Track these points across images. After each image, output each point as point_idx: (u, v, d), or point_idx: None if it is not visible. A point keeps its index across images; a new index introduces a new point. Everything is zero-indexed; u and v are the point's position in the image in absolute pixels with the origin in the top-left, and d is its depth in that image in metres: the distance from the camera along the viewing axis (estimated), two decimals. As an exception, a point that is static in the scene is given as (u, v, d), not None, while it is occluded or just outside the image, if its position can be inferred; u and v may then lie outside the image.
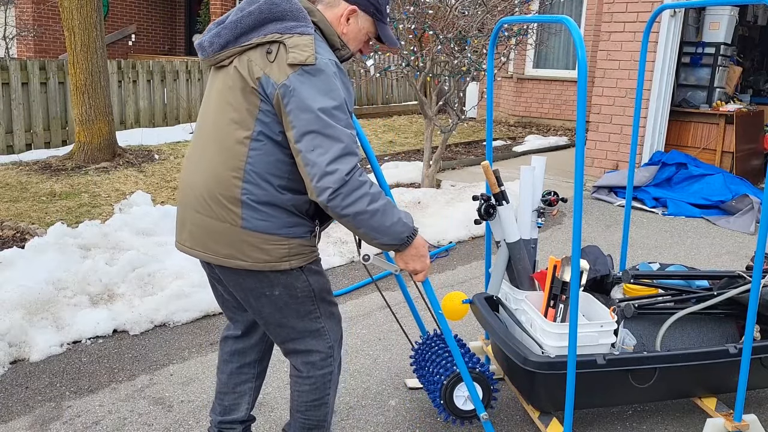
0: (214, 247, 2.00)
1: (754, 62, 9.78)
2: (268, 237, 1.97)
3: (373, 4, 2.09)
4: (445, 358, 2.61)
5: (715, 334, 3.03)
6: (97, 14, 6.85)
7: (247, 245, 1.97)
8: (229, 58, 1.99)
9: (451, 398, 2.51)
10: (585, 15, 10.91)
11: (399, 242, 2.02)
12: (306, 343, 2.16)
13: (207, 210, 1.99)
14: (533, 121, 11.96)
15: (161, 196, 6.06)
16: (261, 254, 1.97)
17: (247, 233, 1.96)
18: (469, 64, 6.08)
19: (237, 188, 1.94)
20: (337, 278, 4.46)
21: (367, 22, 2.11)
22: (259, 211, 1.95)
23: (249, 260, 1.98)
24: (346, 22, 2.08)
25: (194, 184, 2.03)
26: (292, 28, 1.93)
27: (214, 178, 1.97)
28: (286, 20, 1.94)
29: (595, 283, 3.03)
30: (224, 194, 1.95)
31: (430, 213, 5.73)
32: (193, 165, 2.06)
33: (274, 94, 1.89)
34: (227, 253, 1.99)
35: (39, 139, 8.26)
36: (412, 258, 2.10)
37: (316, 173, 1.86)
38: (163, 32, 17.95)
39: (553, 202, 2.77)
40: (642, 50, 3.13)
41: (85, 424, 2.76)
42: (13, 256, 3.90)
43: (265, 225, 1.96)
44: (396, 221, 1.98)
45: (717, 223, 6.07)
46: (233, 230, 1.96)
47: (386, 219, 1.95)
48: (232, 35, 1.97)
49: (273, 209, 1.96)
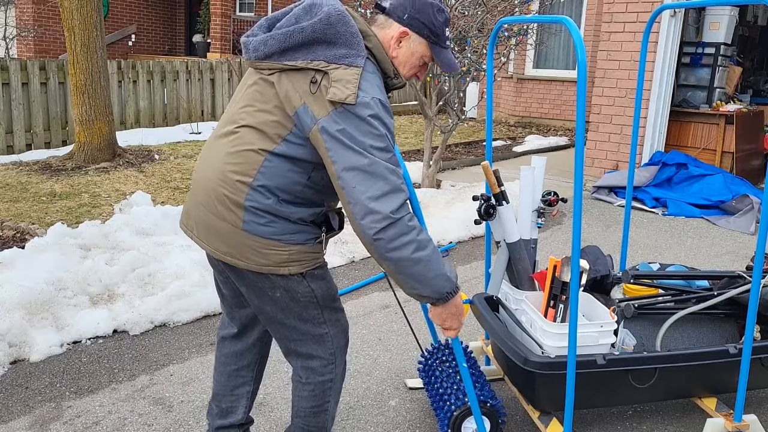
0: (215, 243, 1.97)
1: (754, 62, 9.78)
2: (267, 242, 1.92)
3: (428, 26, 1.98)
4: (458, 383, 2.62)
5: (715, 334, 3.03)
6: (97, 14, 6.86)
7: (246, 247, 1.93)
8: (271, 70, 1.91)
9: (459, 429, 2.53)
10: (585, 15, 10.91)
11: (438, 297, 1.92)
12: (307, 346, 2.10)
13: (211, 207, 1.96)
14: (533, 122, 11.96)
15: (161, 196, 6.06)
16: (259, 258, 1.93)
17: (247, 236, 1.91)
18: (469, 64, 6.08)
19: (242, 193, 1.90)
20: (337, 278, 4.46)
21: (421, 46, 2.00)
22: (261, 217, 1.90)
23: (248, 262, 1.94)
24: (397, 45, 1.98)
25: (205, 177, 1.99)
26: (341, 58, 1.83)
27: (223, 178, 1.93)
28: (337, 46, 1.85)
29: (595, 283, 3.03)
30: (229, 196, 1.91)
31: (430, 213, 5.74)
32: (208, 157, 2.02)
33: (311, 127, 1.82)
34: (227, 251, 1.96)
35: (39, 139, 8.26)
36: (449, 316, 2.00)
37: (359, 212, 1.78)
38: (163, 32, 17.96)
39: (553, 202, 2.77)
40: (642, 50, 3.13)
41: (85, 424, 2.76)
42: (13, 256, 3.90)
43: (265, 230, 1.91)
44: (439, 275, 1.87)
45: (717, 223, 6.07)
46: (234, 231, 1.93)
47: (430, 270, 1.85)
48: (279, 48, 1.88)
49: (276, 218, 1.92)
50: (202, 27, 17.14)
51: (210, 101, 10.70)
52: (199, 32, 17.25)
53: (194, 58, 12.97)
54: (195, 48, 17.28)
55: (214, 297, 3.74)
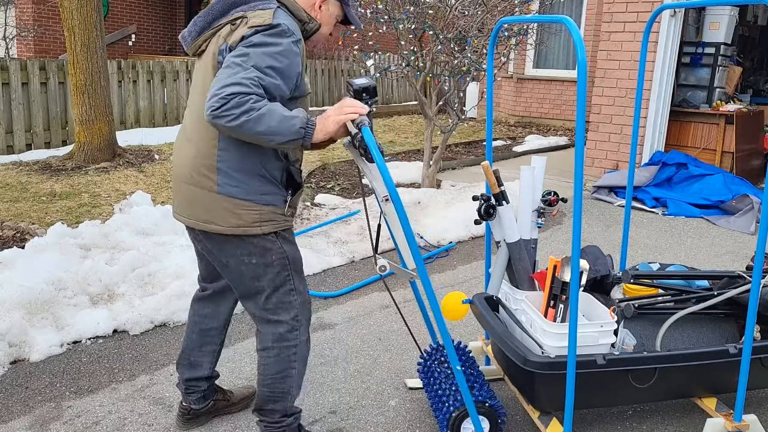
0: (196, 212, 2.24)
1: (754, 62, 9.79)
2: (240, 202, 2.18)
3: None
4: (457, 384, 2.62)
5: (715, 334, 3.03)
6: (97, 14, 6.85)
7: (222, 209, 2.19)
8: (205, 41, 2.25)
9: (458, 430, 2.53)
10: (585, 15, 10.91)
11: (298, 136, 2.08)
12: (277, 313, 2.33)
13: (191, 179, 2.23)
14: (533, 121, 11.96)
15: (161, 196, 6.06)
16: (234, 218, 2.19)
17: (222, 198, 2.18)
18: (469, 64, 6.08)
19: (214, 156, 2.18)
20: (338, 278, 4.46)
21: (335, 8, 2.39)
22: (233, 178, 2.17)
23: (224, 224, 2.19)
24: (319, 9, 2.35)
25: (182, 159, 2.28)
26: (255, 6, 2.19)
27: (197, 151, 2.22)
28: (251, 2, 2.21)
29: (595, 283, 3.03)
30: (204, 163, 2.19)
31: (430, 213, 5.74)
32: (180, 143, 2.32)
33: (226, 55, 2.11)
34: (206, 218, 2.22)
35: (39, 139, 8.26)
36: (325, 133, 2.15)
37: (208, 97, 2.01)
38: (163, 32, 17.95)
39: (553, 202, 2.77)
40: (642, 50, 3.13)
41: (85, 424, 2.77)
42: (13, 256, 3.90)
43: (237, 191, 2.18)
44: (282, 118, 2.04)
45: (717, 223, 6.07)
46: (210, 196, 2.20)
47: (272, 120, 2.02)
48: (206, 21, 2.24)
49: (245, 176, 2.18)
50: (202, 27, 17.11)
51: (210, 101, 10.67)
52: (199, 32, 17.23)
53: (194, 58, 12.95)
54: (195, 48, 17.25)
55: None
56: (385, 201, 2.25)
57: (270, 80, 2.08)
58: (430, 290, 2.23)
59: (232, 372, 3.18)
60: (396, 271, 2.30)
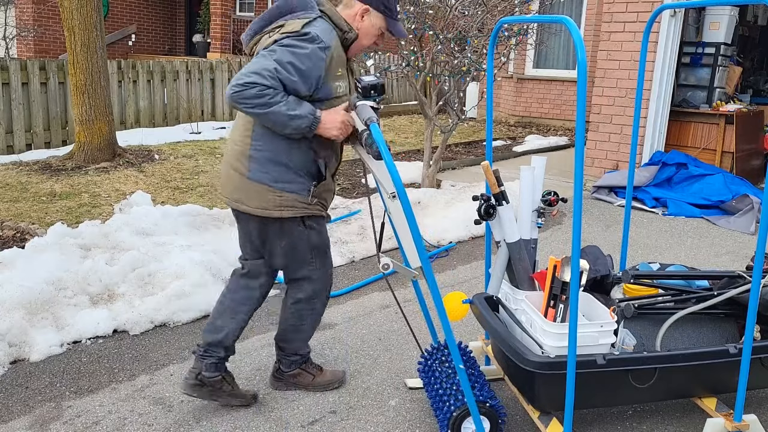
0: (231, 192, 2.58)
1: (754, 62, 9.78)
2: (266, 188, 2.50)
3: (383, 2, 2.53)
4: (458, 384, 2.62)
5: (715, 334, 3.03)
6: (97, 14, 6.85)
7: (251, 192, 2.51)
8: (256, 44, 2.53)
9: (459, 430, 2.53)
10: (585, 15, 10.91)
11: (306, 122, 2.39)
12: (299, 284, 2.77)
13: (231, 163, 2.57)
14: (533, 121, 11.95)
15: (161, 196, 6.06)
16: (259, 202, 2.51)
17: (252, 183, 2.51)
18: (469, 64, 6.08)
19: (248, 145, 2.51)
20: (338, 278, 4.46)
21: (378, 19, 2.54)
22: (263, 165, 2.49)
23: (251, 206, 2.53)
24: (361, 20, 2.52)
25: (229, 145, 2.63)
26: (297, 15, 2.43)
27: (236, 140, 2.57)
28: (295, 12, 2.45)
29: (595, 283, 3.03)
30: (241, 150, 2.52)
31: (430, 213, 5.74)
32: (230, 131, 2.66)
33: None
34: (237, 197, 2.55)
35: (39, 139, 8.26)
36: (328, 131, 2.46)
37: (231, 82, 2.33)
38: (163, 32, 17.95)
39: (553, 202, 2.77)
40: (642, 50, 3.13)
41: (85, 424, 2.77)
42: (13, 256, 3.90)
43: (265, 177, 2.49)
44: (293, 115, 2.35)
45: (717, 223, 6.07)
46: (242, 180, 2.53)
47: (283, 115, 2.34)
48: (258, 26, 2.53)
49: (273, 165, 2.49)
50: (202, 27, 17.14)
51: (210, 101, 10.70)
52: (199, 32, 17.25)
53: (194, 58, 12.97)
54: (195, 48, 17.28)
55: (213, 297, 3.74)
56: (392, 198, 2.25)
57: (287, 75, 2.33)
58: (435, 289, 2.23)
59: (233, 372, 3.16)
60: (399, 269, 2.30)
